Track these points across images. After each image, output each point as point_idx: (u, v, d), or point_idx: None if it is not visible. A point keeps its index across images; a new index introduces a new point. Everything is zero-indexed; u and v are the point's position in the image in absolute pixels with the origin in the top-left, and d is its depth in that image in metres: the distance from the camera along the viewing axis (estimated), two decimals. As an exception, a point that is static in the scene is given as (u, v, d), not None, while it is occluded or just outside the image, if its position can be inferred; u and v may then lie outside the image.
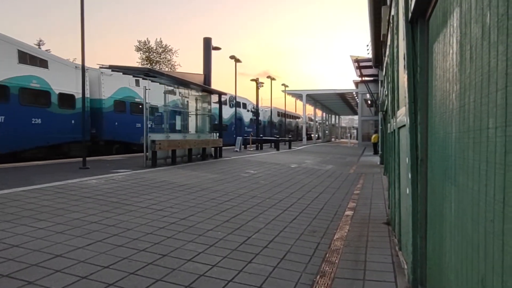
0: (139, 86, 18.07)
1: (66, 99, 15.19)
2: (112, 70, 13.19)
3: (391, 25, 5.09)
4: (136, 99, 18.85)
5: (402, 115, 3.50)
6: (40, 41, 45.74)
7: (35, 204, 5.64)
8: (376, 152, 23.60)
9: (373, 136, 25.97)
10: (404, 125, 3.12)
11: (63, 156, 15.16)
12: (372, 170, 14.07)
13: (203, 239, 4.52)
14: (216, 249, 4.20)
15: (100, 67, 15.25)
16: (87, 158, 11.07)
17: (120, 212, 5.56)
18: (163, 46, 44.08)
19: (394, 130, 4.95)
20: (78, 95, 14.62)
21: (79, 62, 12.98)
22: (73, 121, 15.42)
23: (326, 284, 3.36)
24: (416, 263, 2.66)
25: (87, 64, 12.02)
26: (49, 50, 44.01)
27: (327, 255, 4.21)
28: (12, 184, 7.09)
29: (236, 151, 21.35)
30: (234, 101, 28.64)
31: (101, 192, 6.83)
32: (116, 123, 17.79)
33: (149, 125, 11.88)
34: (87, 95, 15.12)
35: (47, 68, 14.33)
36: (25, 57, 13.44)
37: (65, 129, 15.12)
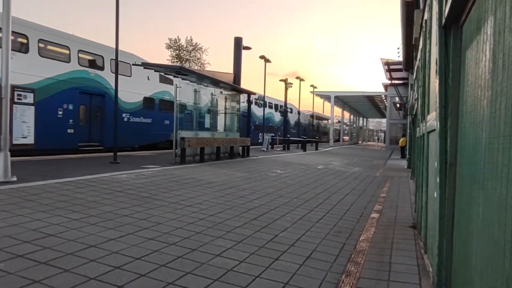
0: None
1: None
2: (145, 68, 13.58)
3: (424, 29, 5.04)
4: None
5: (432, 119, 3.49)
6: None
7: (69, 196, 5.93)
8: (403, 156, 23.14)
9: (401, 139, 25.46)
10: (434, 130, 3.11)
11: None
12: (399, 174, 13.83)
13: (231, 236, 4.64)
14: (244, 245, 4.31)
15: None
16: (118, 153, 11.47)
17: (151, 206, 5.77)
18: (193, 44, 44.68)
19: (423, 134, 4.91)
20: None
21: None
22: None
23: (351, 284, 3.40)
24: (441, 265, 2.67)
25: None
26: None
27: (353, 255, 4.24)
28: (47, 176, 7.47)
29: (263, 150, 21.47)
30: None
31: (132, 186, 7.09)
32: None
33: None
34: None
35: (172, 84, 16.74)
36: (162, 78, 18.32)
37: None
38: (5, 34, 7.10)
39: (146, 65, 13.17)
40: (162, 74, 15.39)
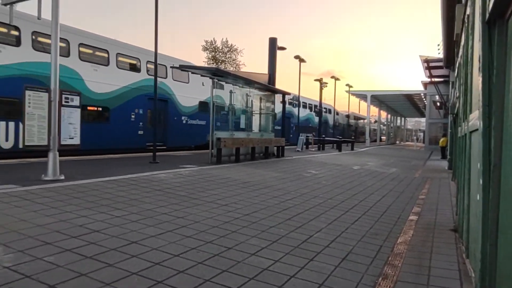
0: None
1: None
2: (182, 70, 13.93)
3: (466, 25, 4.83)
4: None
5: (474, 118, 3.35)
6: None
7: (112, 194, 6.21)
8: (444, 157, 22.23)
9: (441, 139, 24.47)
10: (477, 129, 2.99)
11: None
12: (439, 175, 13.30)
13: (266, 235, 4.68)
14: (278, 245, 4.34)
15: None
16: (157, 153, 11.84)
17: (188, 205, 5.93)
18: (229, 45, 45.22)
19: (466, 134, 4.71)
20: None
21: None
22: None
23: (388, 287, 3.34)
24: (484, 271, 2.56)
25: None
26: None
27: (390, 258, 4.15)
28: (92, 175, 7.86)
29: (298, 150, 21.37)
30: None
31: (170, 185, 7.31)
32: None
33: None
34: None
35: (224, 89, 17.34)
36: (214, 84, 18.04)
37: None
38: (54, 41, 7.54)
39: (184, 67, 13.51)
40: (216, 80, 15.99)
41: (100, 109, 14.55)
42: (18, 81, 10.87)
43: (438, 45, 16.22)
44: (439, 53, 17.11)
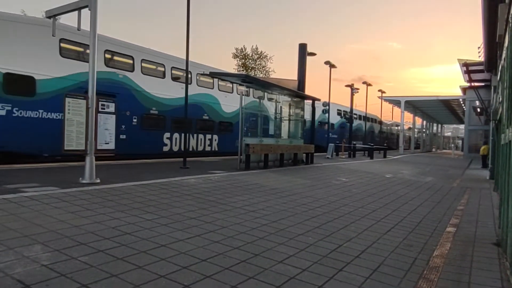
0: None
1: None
2: (211, 76, 14.10)
3: (510, 25, 4.57)
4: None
5: (520, 124, 3.13)
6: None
7: (143, 198, 6.32)
8: (485, 166, 21.17)
9: (482, 147, 23.34)
10: (522, 136, 2.79)
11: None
12: (480, 185, 12.64)
13: (294, 243, 4.59)
14: (306, 253, 4.24)
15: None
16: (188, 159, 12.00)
17: (216, 210, 5.94)
18: (259, 52, 45.53)
19: (510, 141, 4.42)
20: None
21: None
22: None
23: (423, 302, 3.16)
24: (533, 290, 2.36)
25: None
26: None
27: (425, 271, 3.94)
28: (125, 179, 8.06)
29: (328, 157, 21.05)
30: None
31: (199, 190, 7.36)
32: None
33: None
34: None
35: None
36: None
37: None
38: (92, 51, 7.85)
39: (214, 74, 13.67)
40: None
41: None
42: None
43: (479, 47, 15.52)
44: (479, 56, 16.38)
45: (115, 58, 13.67)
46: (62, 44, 11.93)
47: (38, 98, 11.36)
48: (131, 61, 14.21)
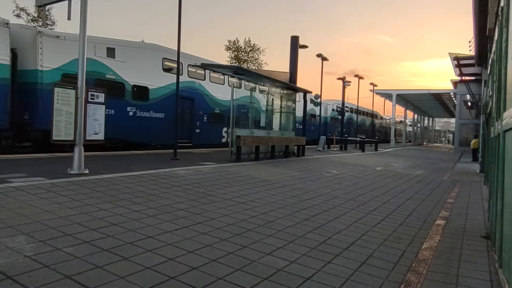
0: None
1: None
2: (203, 68, 13.98)
3: (500, 18, 4.54)
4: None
5: (509, 117, 3.10)
6: (142, 41, 50.15)
7: (132, 189, 6.25)
8: (475, 159, 21.40)
9: (473, 141, 23.56)
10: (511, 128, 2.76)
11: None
12: (470, 178, 12.76)
13: (283, 235, 4.56)
14: (295, 245, 4.21)
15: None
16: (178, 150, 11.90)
17: (205, 202, 5.88)
18: (251, 45, 45.32)
19: (499, 134, 4.42)
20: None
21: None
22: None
23: (410, 295, 3.15)
24: (520, 283, 2.35)
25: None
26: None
27: (414, 264, 3.93)
28: (114, 170, 7.95)
29: (319, 150, 21.08)
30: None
31: (189, 182, 7.29)
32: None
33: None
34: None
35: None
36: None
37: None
38: (81, 42, 7.70)
39: (205, 66, 13.54)
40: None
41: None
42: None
43: (470, 41, 15.55)
44: (470, 50, 16.43)
45: (193, 70, 17.04)
46: (164, 62, 15.64)
47: (150, 102, 15.13)
48: (203, 72, 17.52)
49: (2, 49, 11.02)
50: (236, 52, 44.93)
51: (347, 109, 34.35)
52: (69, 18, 8.15)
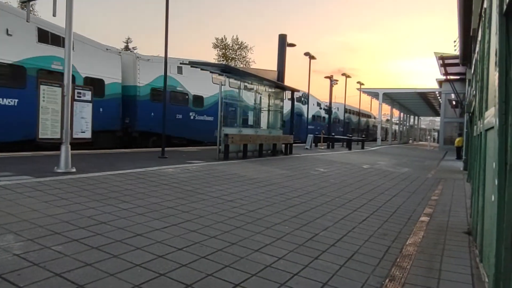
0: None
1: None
2: (191, 66, 13.94)
3: (483, 18, 4.67)
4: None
5: (490, 116, 3.22)
6: (128, 39, 49.71)
7: (120, 187, 6.23)
8: (459, 157, 21.83)
9: (457, 139, 24.01)
10: (493, 127, 2.86)
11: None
12: (454, 176, 13.04)
13: (271, 232, 4.62)
14: (283, 242, 4.27)
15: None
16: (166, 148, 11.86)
17: (194, 200, 5.90)
18: (239, 43, 45.31)
19: (481, 132, 4.56)
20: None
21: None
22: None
23: (395, 289, 3.24)
24: (498, 276, 2.45)
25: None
26: (135, 47, 47.82)
27: (398, 259, 4.04)
28: (102, 168, 7.91)
29: (307, 148, 21.24)
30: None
31: (177, 180, 7.30)
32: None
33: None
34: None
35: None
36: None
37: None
38: (67, 39, 7.61)
39: (193, 64, 13.50)
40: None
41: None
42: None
43: (455, 41, 15.83)
44: (455, 49, 16.72)
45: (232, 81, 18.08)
46: (212, 75, 17.28)
47: (204, 109, 18.75)
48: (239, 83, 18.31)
49: (117, 72, 14.76)
50: (224, 50, 44.85)
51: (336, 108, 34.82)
52: (54, 15, 8.07)
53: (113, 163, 9.02)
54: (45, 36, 12.05)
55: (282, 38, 16.81)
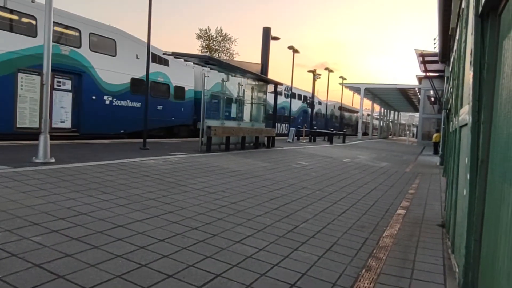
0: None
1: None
2: (175, 57, 13.78)
3: (461, 18, 4.81)
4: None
5: (464, 113, 3.35)
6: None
7: (101, 178, 6.17)
8: (436, 152, 22.43)
9: (435, 135, 24.64)
10: (466, 124, 2.99)
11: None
12: (431, 171, 13.42)
13: (252, 224, 4.68)
14: (263, 234, 4.34)
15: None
16: (147, 140, 11.75)
17: (176, 191, 5.90)
18: (223, 34, 44.89)
19: (456, 129, 4.72)
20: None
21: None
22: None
23: (371, 279, 3.36)
24: (468, 266, 2.58)
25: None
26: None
27: (375, 251, 4.17)
28: (82, 159, 7.79)
29: (289, 142, 21.39)
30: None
31: (159, 172, 7.27)
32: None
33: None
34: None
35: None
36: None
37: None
38: (47, 26, 7.40)
39: (177, 55, 13.34)
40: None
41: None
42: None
43: (434, 39, 16.19)
44: (435, 47, 17.10)
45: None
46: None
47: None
48: (265, 89, 18.77)
49: (191, 80, 19.16)
50: (207, 41, 44.38)
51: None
52: (33, 1, 7.84)
53: (94, 154, 8.89)
54: (154, 58, 16.40)
55: (266, 31, 16.81)
